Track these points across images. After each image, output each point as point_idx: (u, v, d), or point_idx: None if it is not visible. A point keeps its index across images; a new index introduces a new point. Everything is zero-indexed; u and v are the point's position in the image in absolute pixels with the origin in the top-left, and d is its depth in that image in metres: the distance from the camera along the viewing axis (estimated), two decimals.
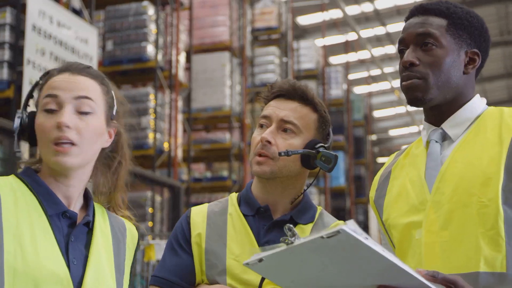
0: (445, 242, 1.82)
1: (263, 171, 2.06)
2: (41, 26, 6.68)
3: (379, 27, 20.65)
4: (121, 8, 9.23)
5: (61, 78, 1.74)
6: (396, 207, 1.97)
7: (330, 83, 17.88)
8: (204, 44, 11.64)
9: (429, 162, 1.94)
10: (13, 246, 1.60)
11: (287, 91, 2.13)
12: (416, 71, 1.92)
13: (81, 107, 1.72)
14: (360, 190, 19.81)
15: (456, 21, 1.96)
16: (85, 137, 1.71)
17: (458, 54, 1.95)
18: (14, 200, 1.65)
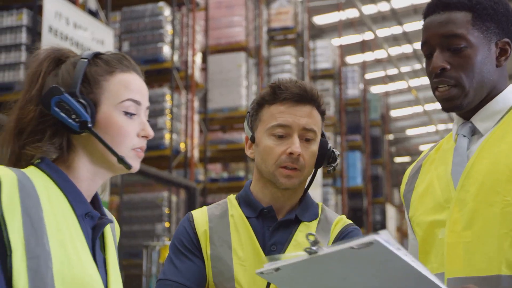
0: (468, 242, 1.74)
1: (293, 184, 2.05)
2: (58, 27, 6.70)
3: (395, 26, 20.56)
4: (137, 9, 9.25)
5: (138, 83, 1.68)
6: (421, 204, 1.90)
7: (347, 83, 17.84)
8: (220, 45, 11.64)
9: (455, 157, 1.85)
10: (59, 252, 1.47)
11: (300, 95, 2.07)
12: (448, 76, 1.80)
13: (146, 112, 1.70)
14: (377, 190, 19.72)
15: (481, 13, 1.81)
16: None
17: (489, 48, 1.82)
18: (48, 199, 1.51)
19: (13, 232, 1.40)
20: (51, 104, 1.55)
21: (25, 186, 1.46)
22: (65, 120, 1.55)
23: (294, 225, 2.07)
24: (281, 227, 2.06)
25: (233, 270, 2.00)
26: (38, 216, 1.45)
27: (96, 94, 1.60)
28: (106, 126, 1.59)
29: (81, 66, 1.61)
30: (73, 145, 1.61)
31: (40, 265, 1.41)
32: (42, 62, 1.64)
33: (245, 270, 1.99)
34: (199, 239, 2.06)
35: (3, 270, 1.39)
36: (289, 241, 2.04)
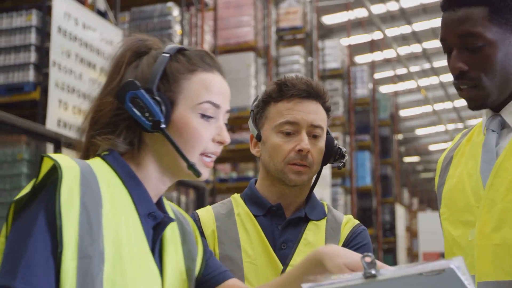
0: (497, 245, 1.68)
1: (302, 180, 2.04)
2: (67, 28, 6.71)
3: (405, 25, 20.52)
4: (146, 10, 9.25)
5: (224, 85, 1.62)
6: (452, 202, 1.85)
7: (356, 83, 17.80)
8: (228, 45, 11.63)
9: (484, 154, 1.79)
10: (112, 254, 1.38)
11: (307, 92, 2.06)
12: (468, 77, 1.74)
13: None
14: (387, 190, 19.68)
15: (499, 6, 1.71)
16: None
17: (510, 42, 1.72)
18: (110, 196, 1.43)
19: (67, 229, 1.33)
20: (126, 98, 1.49)
21: (87, 180, 1.40)
22: (137, 117, 1.49)
23: (303, 223, 2.07)
24: (291, 225, 2.06)
25: (243, 269, 1.99)
26: (97, 214, 1.38)
27: (174, 93, 1.53)
28: (181, 128, 1.51)
29: (161, 61, 1.54)
30: (144, 142, 1.54)
31: (91, 266, 1.33)
32: (125, 52, 1.59)
33: (256, 269, 1.99)
34: (206, 238, 2.04)
35: (55, 268, 1.33)
36: (299, 240, 2.04)
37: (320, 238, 2.06)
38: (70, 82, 6.70)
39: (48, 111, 6.38)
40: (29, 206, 1.38)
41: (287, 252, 2.02)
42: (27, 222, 1.35)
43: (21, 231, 1.35)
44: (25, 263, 1.31)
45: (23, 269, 1.30)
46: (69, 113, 6.59)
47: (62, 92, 6.57)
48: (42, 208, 1.36)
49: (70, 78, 6.72)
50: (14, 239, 1.35)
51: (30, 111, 6.79)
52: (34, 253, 1.32)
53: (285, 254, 2.02)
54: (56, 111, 6.45)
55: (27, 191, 1.39)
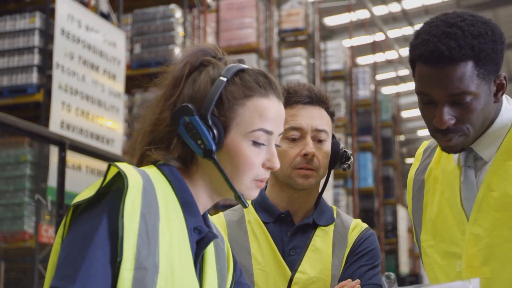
0: (487, 279, 1.72)
1: (309, 184, 2.08)
2: (70, 30, 6.75)
3: (406, 27, 20.55)
4: (149, 11, 9.28)
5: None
6: (436, 232, 1.89)
7: (358, 84, 17.81)
8: (231, 46, 11.64)
9: (464, 191, 1.81)
10: (165, 267, 1.38)
11: (309, 97, 2.11)
12: (454, 130, 1.74)
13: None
14: (389, 191, 19.69)
15: (484, 59, 1.69)
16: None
17: (489, 90, 1.74)
18: (165, 208, 1.44)
19: (128, 240, 1.34)
20: (180, 123, 1.49)
21: (148, 192, 1.41)
22: (189, 143, 1.49)
23: (312, 229, 2.11)
24: (299, 231, 2.10)
25: (253, 275, 2.03)
26: (154, 226, 1.39)
27: (228, 118, 1.51)
28: (232, 154, 1.50)
29: (218, 86, 1.51)
30: (197, 160, 1.54)
31: (146, 277, 1.35)
32: (185, 65, 1.57)
33: (265, 275, 2.02)
34: None
35: (112, 275, 1.34)
36: (307, 246, 2.08)
37: (328, 244, 2.09)
38: (73, 84, 6.74)
39: (52, 113, 6.41)
40: (91, 211, 1.38)
41: (295, 258, 2.05)
42: (89, 228, 1.36)
43: (82, 235, 1.36)
44: (85, 269, 1.32)
45: (82, 275, 1.31)
46: (72, 115, 6.62)
47: (65, 94, 6.60)
48: (106, 216, 1.36)
49: (73, 80, 6.75)
50: (74, 243, 1.36)
51: (33, 113, 6.83)
52: (94, 260, 1.32)
53: (293, 261, 2.05)
54: (59, 112, 6.49)
55: (89, 195, 1.39)
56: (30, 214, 6.58)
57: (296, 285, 2.02)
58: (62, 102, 6.55)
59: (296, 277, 2.03)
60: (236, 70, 1.54)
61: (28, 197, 6.59)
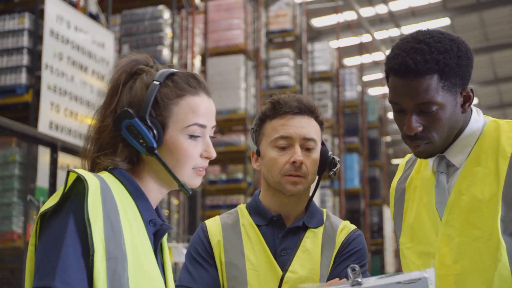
0: (457, 275, 1.89)
1: (298, 190, 2.21)
2: (59, 31, 6.77)
3: (393, 28, 20.65)
4: (137, 12, 9.31)
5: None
6: (413, 235, 2.04)
7: (345, 85, 17.89)
8: (219, 47, 11.70)
9: (437, 194, 1.98)
10: (132, 254, 1.56)
11: (298, 108, 2.23)
12: (420, 137, 1.90)
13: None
14: (375, 192, 19.78)
15: (448, 73, 1.85)
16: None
17: (455, 102, 1.90)
18: (122, 205, 1.60)
19: (95, 234, 1.49)
20: (122, 126, 1.65)
21: (105, 191, 1.56)
22: (133, 144, 1.65)
23: (302, 231, 2.24)
24: (290, 233, 2.23)
25: (246, 275, 2.16)
26: (117, 220, 1.55)
27: (165, 117, 1.68)
28: (172, 149, 1.68)
29: (152, 89, 1.68)
30: (142, 159, 1.70)
31: (117, 266, 1.51)
32: (120, 74, 1.72)
33: (258, 275, 2.16)
34: (213, 248, 2.22)
35: (86, 269, 1.49)
36: (298, 247, 2.21)
37: (317, 245, 2.22)
38: (62, 85, 6.76)
39: (40, 113, 6.43)
40: (57, 216, 1.54)
41: (286, 258, 2.19)
42: (58, 230, 1.52)
43: (53, 238, 1.51)
44: (61, 266, 1.47)
45: (59, 271, 1.46)
46: (61, 116, 6.63)
47: (54, 95, 6.62)
48: (71, 217, 1.52)
49: (62, 81, 6.77)
50: (47, 246, 1.51)
51: (22, 113, 6.83)
52: (68, 257, 1.48)
53: (284, 261, 2.18)
54: (48, 113, 6.50)
55: (53, 203, 1.54)
56: (18, 214, 6.59)
57: (286, 284, 2.14)
58: (51, 102, 6.57)
59: (287, 276, 2.15)
60: (167, 74, 1.72)
61: (16, 197, 6.60)
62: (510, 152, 1.88)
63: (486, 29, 20.88)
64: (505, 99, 26.83)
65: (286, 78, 13.25)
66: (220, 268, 2.20)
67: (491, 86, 24.95)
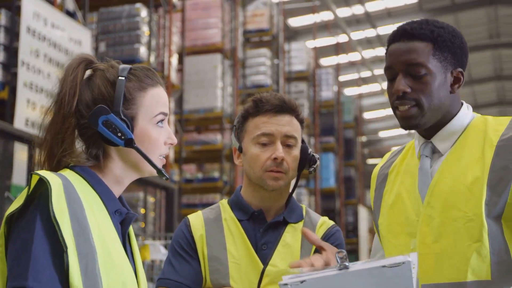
0: (437, 254, 1.96)
1: (279, 185, 2.27)
2: (36, 28, 6.73)
3: (369, 29, 20.75)
4: (114, 10, 9.27)
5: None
6: (393, 215, 2.11)
7: (321, 85, 17.96)
8: (196, 46, 11.70)
9: (420, 176, 2.06)
10: (101, 247, 1.61)
11: (280, 106, 2.29)
12: (409, 98, 2.00)
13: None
14: (350, 192, 19.89)
15: (441, 44, 2.00)
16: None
17: (445, 76, 2.01)
18: (86, 199, 1.64)
19: (65, 232, 1.53)
20: (99, 123, 1.69)
21: (69, 189, 1.60)
22: (112, 138, 1.70)
23: (282, 226, 2.30)
24: (271, 228, 2.29)
25: (228, 268, 2.22)
26: (83, 216, 1.59)
27: (133, 110, 1.75)
28: (142, 139, 1.75)
29: (121, 85, 1.75)
30: (108, 153, 1.75)
31: (89, 259, 1.56)
32: (76, 74, 1.76)
33: (239, 268, 2.22)
34: (196, 242, 2.27)
35: (55, 266, 1.53)
36: (278, 241, 2.27)
37: (297, 240, 2.29)
38: (39, 82, 6.73)
39: (16, 110, 6.39)
40: (23, 218, 1.58)
41: (267, 252, 2.25)
42: (26, 231, 1.56)
43: (22, 239, 1.56)
44: (32, 265, 1.51)
45: (32, 271, 1.51)
46: (37, 113, 6.60)
47: (31, 92, 6.59)
48: (38, 217, 1.56)
49: (39, 78, 6.74)
50: (17, 247, 1.56)
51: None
52: (38, 256, 1.52)
53: (265, 255, 2.24)
54: (24, 110, 6.47)
55: (19, 205, 1.59)
56: None
57: (267, 277, 2.20)
58: (27, 100, 6.54)
59: (268, 270, 2.21)
60: (129, 69, 1.80)
61: None
62: (496, 141, 1.97)
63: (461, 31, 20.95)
64: (479, 100, 27.08)
65: (263, 77, 13.28)
66: (203, 261, 2.24)
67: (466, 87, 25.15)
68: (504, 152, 1.94)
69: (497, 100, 27.74)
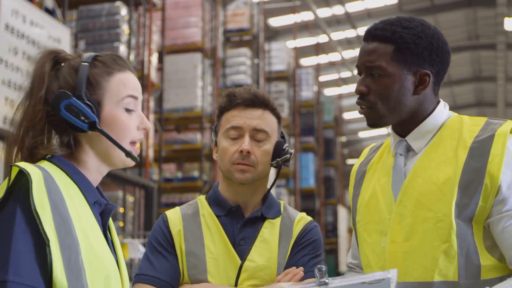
0: (406, 252, 1.98)
1: (246, 178, 2.27)
2: (14, 25, 6.68)
3: (349, 29, 20.81)
4: (94, 8, 9.22)
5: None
6: (368, 213, 2.13)
7: (301, 85, 17.98)
8: (176, 45, 11.67)
9: (394, 174, 2.07)
10: (83, 239, 1.61)
11: (251, 100, 2.30)
12: (366, 100, 2.04)
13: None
14: (330, 192, 19.94)
15: (402, 46, 1.99)
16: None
17: (406, 79, 2.01)
18: (66, 191, 1.64)
19: (46, 225, 1.53)
20: (61, 107, 1.69)
21: (48, 181, 1.59)
22: (75, 122, 1.70)
23: (260, 221, 2.31)
24: (249, 223, 2.30)
25: (206, 264, 2.22)
26: (64, 208, 1.59)
27: (99, 95, 1.75)
28: (111, 123, 1.74)
29: (83, 70, 1.75)
30: (79, 141, 1.75)
31: (71, 252, 1.55)
32: (44, 64, 1.76)
33: (217, 264, 2.22)
34: (173, 237, 2.27)
35: (36, 260, 1.52)
36: (256, 237, 2.28)
37: (275, 235, 2.30)
38: (17, 80, 6.68)
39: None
40: (3, 210, 1.57)
41: (245, 248, 2.26)
42: (6, 224, 1.55)
43: (2, 232, 1.54)
44: (13, 259, 1.50)
45: (12, 264, 1.50)
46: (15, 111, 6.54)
47: (9, 90, 6.55)
48: (18, 210, 1.55)
49: (17, 76, 6.70)
50: None
51: None
52: (18, 250, 1.51)
53: (243, 250, 2.25)
54: (3, 108, 6.42)
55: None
56: None
57: (245, 273, 2.21)
58: (5, 97, 6.49)
59: (245, 265, 2.22)
60: (94, 56, 1.80)
61: None
62: (470, 142, 1.97)
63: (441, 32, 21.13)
64: (458, 101, 27.24)
65: (243, 77, 13.28)
66: (181, 257, 2.24)
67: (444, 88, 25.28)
68: (477, 154, 1.93)
69: (475, 101, 27.92)
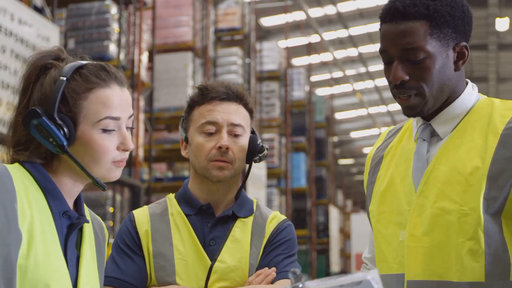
0: (426, 248, 1.81)
1: (224, 176, 2.19)
2: (2, 23, 6.62)
3: (341, 29, 20.78)
4: (84, 7, 9.16)
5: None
6: (384, 202, 1.95)
7: (293, 85, 17.95)
8: (167, 44, 11.61)
9: (415, 161, 1.89)
10: (26, 244, 1.55)
11: (226, 94, 2.22)
12: (409, 87, 1.83)
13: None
14: (321, 191, 19.91)
15: (438, 21, 1.80)
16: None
17: (447, 55, 1.84)
18: (25, 194, 1.59)
19: None
20: (30, 126, 1.62)
21: (3, 179, 1.56)
22: (43, 143, 1.63)
23: (231, 221, 2.23)
24: (219, 223, 2.21)
25: (175, 265, 2.14)
26: (12, 208, 1.54)
27: (75, 113, 1.65)
28: (86, 144, 1.66)
29: (59, 85, 1.65)
30: (58, 155, 1.68)
31: (10, 252, 1.51)
32: (31, 71, 1.70)
33: (186, 265, 2.14)
34: (140, 238, 2.19)
35: None
36: (227, 236, 2.19)
37: (247, 235, 2.22)
38: (5, 78, 6.62)
39: None
40: None
41: (215, 248, 2.18)
42: None
43: None
44: None
45: None
46: (3, 109, 6.50)
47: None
48: None
49: (5, 74, 6.64)
50: None
51: None
52: None
53: (213, 250, 2.17)
54: None
55: None
56: None
57: (215, 274, 2.13)
58: None
59: (216, 266, 2.14)
60: (75, 68, 1.68)
61: None
62: (501, 129, 1.80)
63: None
64: None
65: (234, 76, 13.23)
66: (148, 258, 2.17)
67: None
68: (510, 142, 1.77)
69: None
